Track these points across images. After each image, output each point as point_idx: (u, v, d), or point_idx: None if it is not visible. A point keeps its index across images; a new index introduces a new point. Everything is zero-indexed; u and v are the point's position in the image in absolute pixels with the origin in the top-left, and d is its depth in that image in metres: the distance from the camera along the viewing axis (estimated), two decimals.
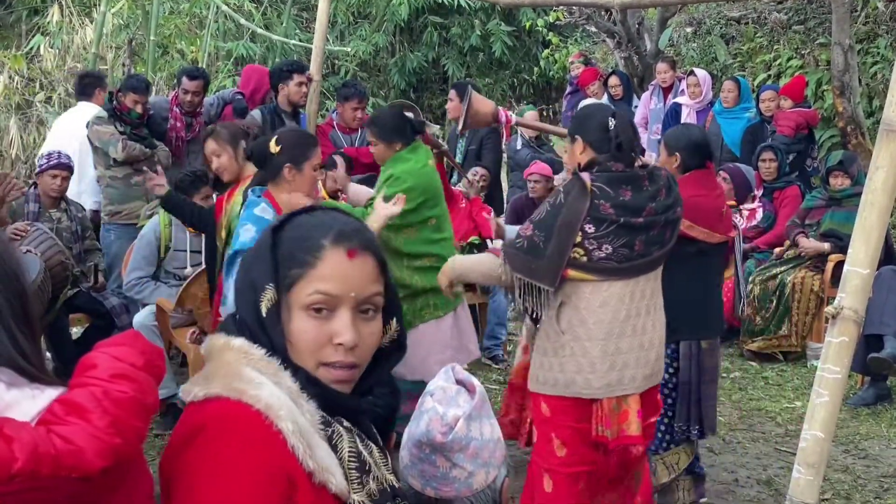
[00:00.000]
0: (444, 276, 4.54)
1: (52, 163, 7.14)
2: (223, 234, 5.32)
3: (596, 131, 4.21)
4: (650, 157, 9.54)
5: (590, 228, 4.08)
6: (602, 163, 4.17)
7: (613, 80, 11.54)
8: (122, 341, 1.92)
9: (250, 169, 5.36)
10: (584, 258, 4.11)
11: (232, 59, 14.19)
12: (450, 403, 1.92)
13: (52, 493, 1.66)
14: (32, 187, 7.23)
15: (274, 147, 4.82)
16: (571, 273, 4.13)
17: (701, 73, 10.79)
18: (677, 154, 5.31)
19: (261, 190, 4.87)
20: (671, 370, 5.21)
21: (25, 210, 7.05)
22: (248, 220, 4.67)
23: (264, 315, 1.76)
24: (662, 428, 5.28)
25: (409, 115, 6.21)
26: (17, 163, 12.60)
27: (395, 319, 1.88)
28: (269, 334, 1.77)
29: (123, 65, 12.91)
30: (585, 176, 4.09)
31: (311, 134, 5.45)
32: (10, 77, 13.19)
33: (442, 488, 1.92)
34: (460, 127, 6.11)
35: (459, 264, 4.57)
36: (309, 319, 1.74)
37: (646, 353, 4.26)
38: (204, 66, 12.53)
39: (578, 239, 4.09)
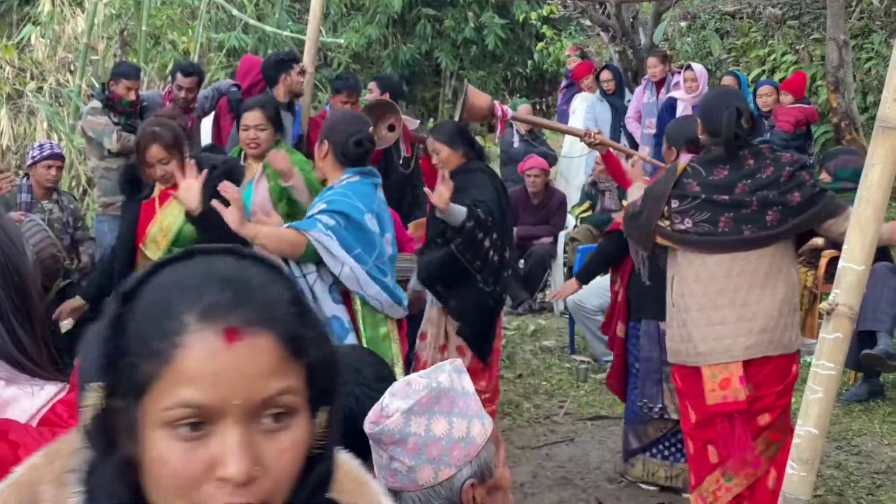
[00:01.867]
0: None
1: (45, 153, 7.10)
2: (163, 242, 5.06)
3: (712, 116, 4.61)
4: (643, 151, 9.59)
5: (675, 203, 4.59)
6: (708, 145, 4.65)
7: (605, 75, 11.52)
8: None
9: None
10: (668, 227, 4.62)
11: (224, 51, 14.12)
12: (406, 396, 1.89)
13: None
14: (25, 178, 7.19)
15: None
16: (659, 239, 4.68)
17: (698, 67, 10.78)
18: (674, 149, 5.46)
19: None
20: (639, 346, 5.61)
21: (18, 201, 7.02)
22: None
23: (88, 429, 1.16)
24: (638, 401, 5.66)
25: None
26: (7, 153, 12.54)
27: (326, 411, 1.22)
28: (94, 467, 1.18)
29: (115, 55, 12.84)
30: (685, 158, 4.68)
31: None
32: (0, 67, 13.12)
33: (388, 479, 1.92)
34: (456, 120, 6.09)
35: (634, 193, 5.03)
36: (173, 443, 1.11)
37: (747, 324, 4.55)
38: (196, 58, 12.48)
39: (665, 211, 4.61)
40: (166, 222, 5.06)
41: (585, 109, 11.19)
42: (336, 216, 4.42)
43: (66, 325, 6.44)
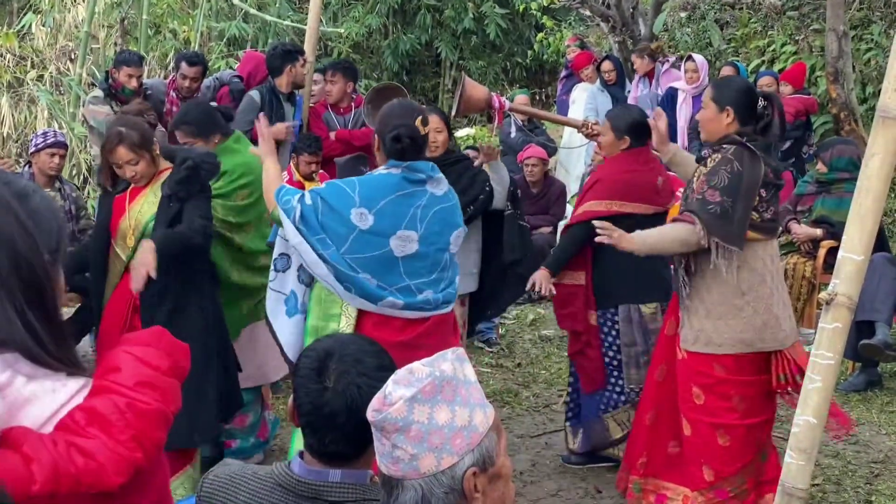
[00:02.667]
0: (632, 245, 4.72)
1: (49, 141, 7.11)
2: (130, 238, 5.03)
3: (746, 105, 4.72)
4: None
5: (763, 192, 4.63)
6: (748, 134, 4.69)
7: (606, 65, 11.52)
8: (148, 340, 1.86)
9: (165, 164, 5.12)
10: (758, 220, 4.63)
11: (224, 40, 14.11)
12: (409, 384, 1.91)
13: None
14: (27, 166, 7.20)
15: (422, 127, 4.54)
16: (750, 234, 4.62)
17: (699, 58, 10.78)
18: (626, 137, 5.62)
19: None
20: (613, 333, 5.68)
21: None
22: None
23: None
24: (616, 388, 5.78)
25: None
26: (8, 141, 12.55)
27: None
28: None
29: (115, 44, 12.85)
30: (751, 145, 4.62)
31: None
32: (1, 55, 13.13)
33: (390, 466, 1.92)
34: (454, 112, 6.10)
35: (649, 237, 4.79)
36: None
37: (787, 303, 4.86)
38: (196, 46, 12.49)
39: (755, 202, 4.61)
40: (135, 218, 5.03)
41: (586, 100, 11.19)
42: (318, 198, 4.42)
43: (65, 311, 6.46)
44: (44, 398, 1.65)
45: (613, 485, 5.69)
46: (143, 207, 5.02)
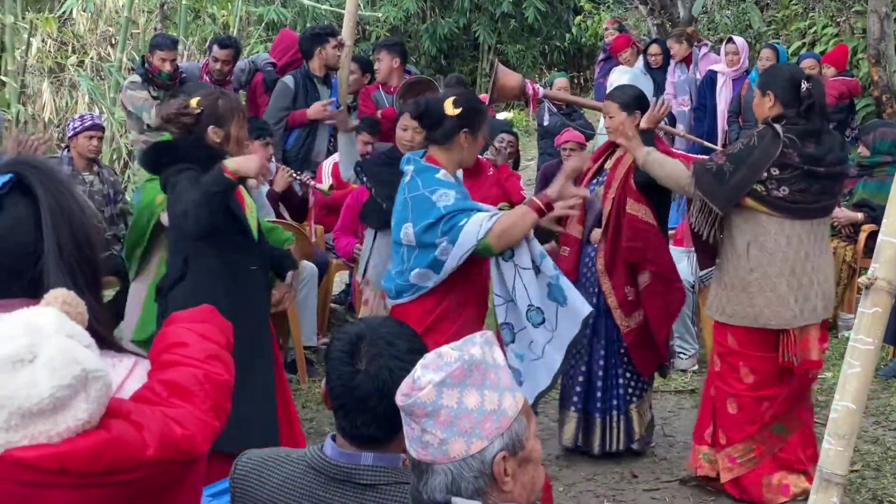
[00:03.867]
0: (635, 151, 5.19)
1: (87, 124, 7.16)
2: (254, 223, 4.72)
3: (788, 89, 4.92)
4: (680, 129, 9.54)
5: (775, 171, 4.84)
6: (790, 117, 4.89)
7: (654, 48, 11.38)
8: (203, 317, 1.90)
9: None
10: (764, 192, 4.87)
11: (263, 24, 14.15)
12: (438, 368, 1.90)
13: (161, 479, 1.65)
14: (66, 150, 7.26)
15: (451, 109, 4.42)
16: (748, 202, 4.90)
17: (739, 40, 10.69)
18: (637, 112, 5.64)
19: (422, 153, 4.52)
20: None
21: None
22: (438, 185, 4.30)
23: None
24: (632, 380, 5.76)
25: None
26: (49, 126, 12.65)
27: None
28: None
29: (155, 29, 12.91)
30: (779, 127, 4.85)
31: (483, 102, 4.93)
32: (42, 41, 13.22)
33: (420, 451, 1.92)
34: (488, 100, 6.08)
35: (655, 158, 5.18)
36: None
37: (821, 288, 4.99)
38: (235, 31, 12.53)
39: (763, 177, 4.84)
40: (249, 204, 4.71)
41: (626, 83, 11.11)
42: None
43: (108, 294, 6.52)
44: (109, 372, 1.68)
45: (650, 470, 5.68)
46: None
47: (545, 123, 10.81)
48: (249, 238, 4.56)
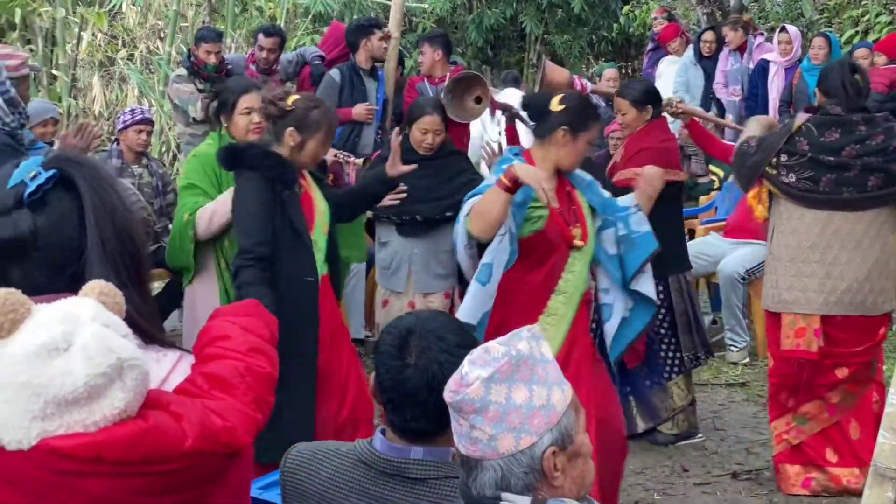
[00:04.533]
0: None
1: (136, 118, 7.21)
2: (325, 227, 4.60)
3: (830, 79, 5.01)
4: (727, 118, 9.43)
5: (783, 157, 4.94)
6: (824, 107, 4.98)
7: (709, 36, 11.19)
8: (247, 311, 1.91)
9: None
10: (774, 175, 4.97)
11: (310, 16, 14.18)
12: (485, 364, 1.89)
13: (202, 471, 1.66)
14: (115, 143, 7.32)
15: (556, 105, 4.36)
16: (765, 183, 5.05)
17: (793, 29, 10.56)
18: (649, 107, 5.69)
19: (519, 149, 4.51)
20: (665, 306, 5.70)
21: (109, 166, 7.14)
22: (497, 174, 4.25)
23: None
24: (669, 357, 5.81)
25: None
26: (99, 119, 12.77)
27: None
28: None
29: (203, 22, 12.98)
30: (801, 116, 5.01)
31: (595, 106, 4.92)
32: (93, 35, 13.34)
33: (469, 447, 1.91)
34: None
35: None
36: None
37: (833, 282, 4.92)
38: (282, 23, 12.57)
39: (774, 160, 4.94)
40: (321, 210, 4.61)
41: (675, 73, 11.01)
42: None
43: (157, 286, 6.57)
44: (152, 366, 1.69)
45: (700, 464, 5.64)
46: (315, 193, 4.63)
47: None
48: (309, 252, 4.43)
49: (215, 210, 4.82)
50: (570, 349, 4.30)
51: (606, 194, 4.64)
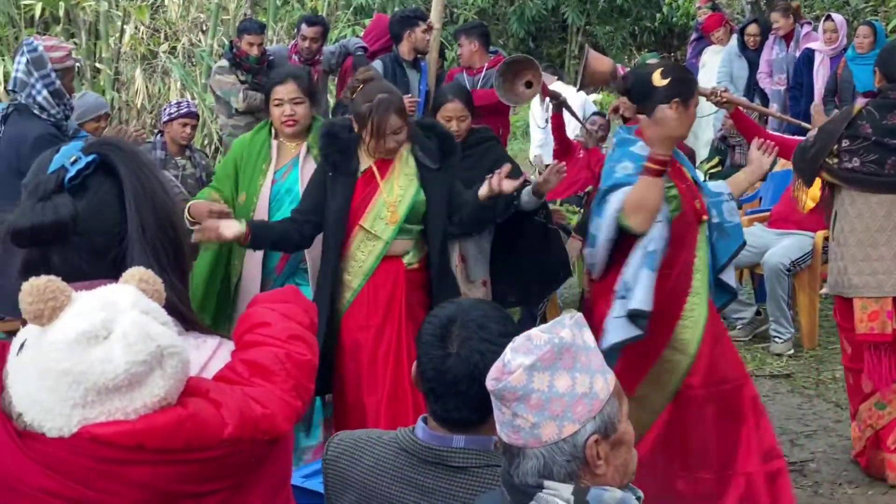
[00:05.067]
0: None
1: (182, 111, 7.25)
2: (393, 216, 4.59)
3: (889, 63, 5.00)
4: (772, 108, 9.34)
5: (845, 143, 4.90)
6: (885, 91, 4.98)
7: (753, 29, 11.09)
8: (286, 298, 1.91)
9: None
10: (835, 165, 4.92)
11: (351, 8, 14.21)
12: (528, 352, 1.87)
13: (242, 458, 1.66)
14: (159, 135, 7.37)
15: (660, 79, 4.33)
16: (824, 175, 5.03)
17: (838, 18, 10.43)
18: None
19: (632, 128, 4.43)
20: None
21: (152, 157, 7.18)
22: (625, 157, 4.28)
23: None
24: None
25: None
26: (142, 112, 12.86)
27: None
28: None
29: (245, 14, 13.03)
30: (861, 101, 5.15)
31: (692, 72, 4.94)
32: (135, 28, 13.43)
33: (511, 435, 1.90)
34: (577, 86, 6.00)
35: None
36: None
37: None
38: (324, 16, 12.58)
39: (835, 148, 4.90)
40: (395, 193, 4.58)
41: (719, 63, 10.91)
42: None
43: None
44: (192, 352, 1.69)
45: None
46: (401, 181, 4.60)
47: None
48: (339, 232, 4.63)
49: None
50: (713, 323, 4.41)
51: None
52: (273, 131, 5.06)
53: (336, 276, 4.62)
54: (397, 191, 4.57)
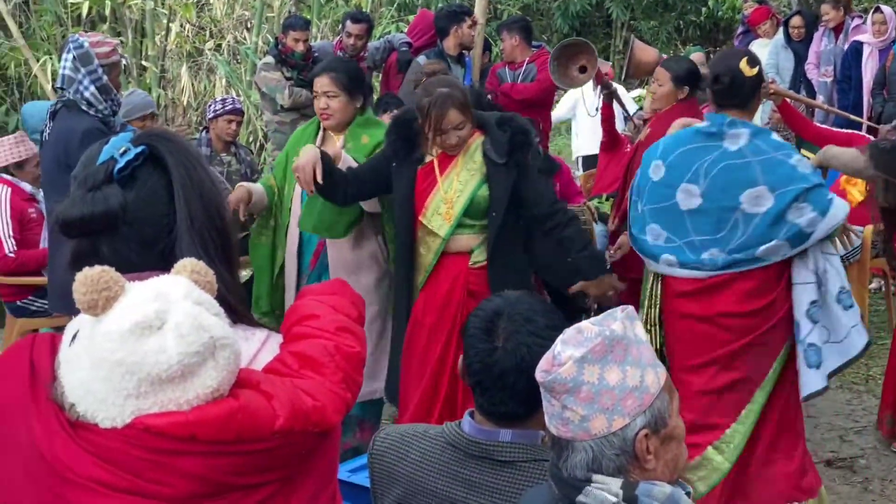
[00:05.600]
0: (814, 160, 4.68)
1: (227, 108, 7.29)
2: (449, 213, 4.53)
3: None
4: (818, 100, 9.25)
5: None
6: None
7: (797, 21, 10.99)
8: (334, 290, 1.91)
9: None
10: None
11: (395, 5, 14.20)
12: (578, 344, 1.86)
13: (293, 449, 1.66)
14: (204, 131, 7.41)
15: (748, 69, 4.30)
16: None
17: (887, 9, 10.29)
18: (685, 87, 5.58)
19: (724, 117, 4.34)
20: None
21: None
22: (787, 148, 4.31)
23: None
24: None
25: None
26: (188, 109, 12.94)
27: None
28: None
29: (289, 12, 13.06)
30: None
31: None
32: (181, 26, 13.50)
33: (560, 427, 1.89)
34: (623, 76, 5.97)
35: (829, 151, 4.75)
36: None
37: None
38: (368, 12, 12.59)
39: None
40: (454, 189, 4.52)
41: (766, 56, 10.81)
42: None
43: (244, 274, 6.61)
44: (241, 345, 1.68)
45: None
46: (463, 176, 4.52)
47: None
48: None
49: None
50: None
51: None
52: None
53: (409, 270, 4.65)
54: (456, 186, 4.50)
